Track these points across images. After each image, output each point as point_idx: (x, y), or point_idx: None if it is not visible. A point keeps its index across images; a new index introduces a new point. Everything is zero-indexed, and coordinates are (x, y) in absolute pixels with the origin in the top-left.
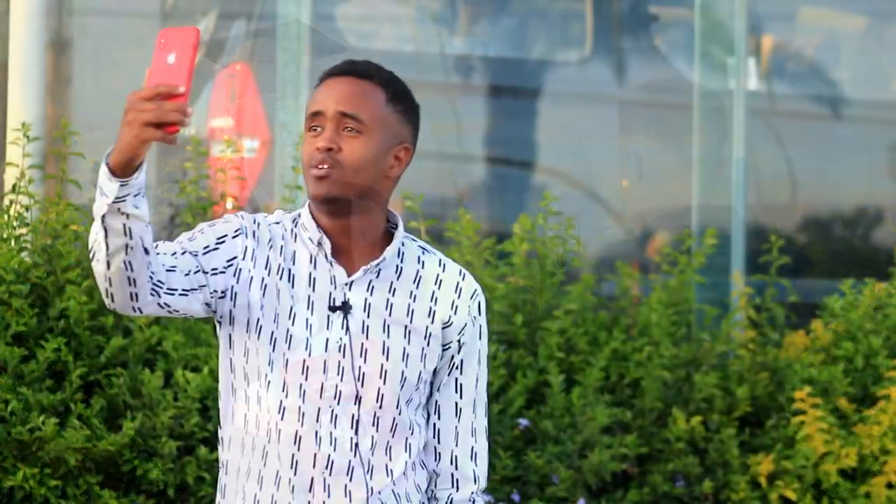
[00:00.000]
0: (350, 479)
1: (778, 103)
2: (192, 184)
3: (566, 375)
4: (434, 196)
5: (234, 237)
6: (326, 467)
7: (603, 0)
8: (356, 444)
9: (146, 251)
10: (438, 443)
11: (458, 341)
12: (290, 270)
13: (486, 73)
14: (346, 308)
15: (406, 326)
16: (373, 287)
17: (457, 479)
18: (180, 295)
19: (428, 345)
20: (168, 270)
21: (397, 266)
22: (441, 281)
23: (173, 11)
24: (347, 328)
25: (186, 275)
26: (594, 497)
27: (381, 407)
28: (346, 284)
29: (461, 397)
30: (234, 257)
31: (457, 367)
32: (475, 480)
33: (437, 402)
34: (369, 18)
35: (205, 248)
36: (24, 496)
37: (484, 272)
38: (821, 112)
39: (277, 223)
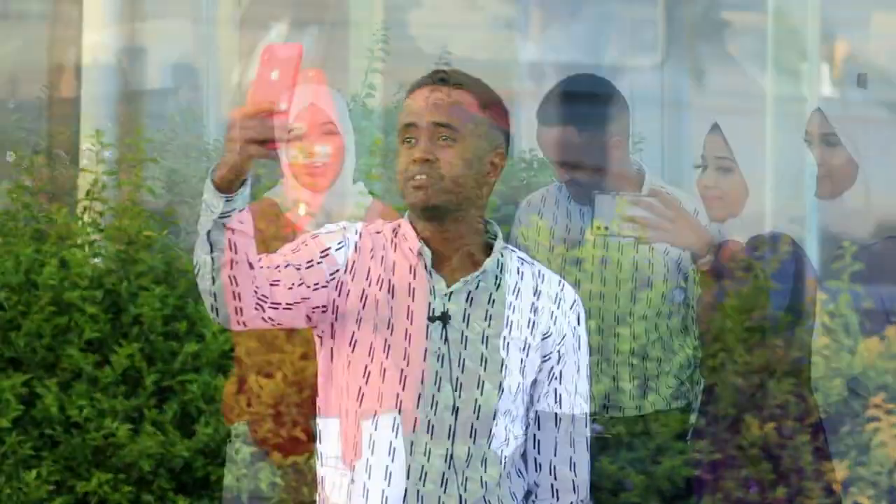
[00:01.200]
0: (444, 491)
1: (851, 109)
2: (264, 190)
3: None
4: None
5: (337, 250)
6: (420, 478)
7: (676, 6)
8: (451, 455)
9: (251, 265)
10: (538, 453)
11: (558, 352)
12: (389, 281)
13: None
14: (445, 318)
15: (505, 337)
16: (472, 298)
17: (556, 489)
18: (284, 309)
19: (527, 356)
20: (272, 284)
21: (496, 277)
22: (540, 292)
23: (246, 18)
24: (446, 338)
25: (290, 288)
26: (667, 503)
27: (477, 418)
28: (446, 295)
29: (560, 407)
30: (337, 270)
31: (556, 378)
32: (574, 490)
33: (536, 412)
34: (442, 25)
35: (308, 262)
36: (99, 501)
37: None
38: (894, 118)
39: (378, 233)
